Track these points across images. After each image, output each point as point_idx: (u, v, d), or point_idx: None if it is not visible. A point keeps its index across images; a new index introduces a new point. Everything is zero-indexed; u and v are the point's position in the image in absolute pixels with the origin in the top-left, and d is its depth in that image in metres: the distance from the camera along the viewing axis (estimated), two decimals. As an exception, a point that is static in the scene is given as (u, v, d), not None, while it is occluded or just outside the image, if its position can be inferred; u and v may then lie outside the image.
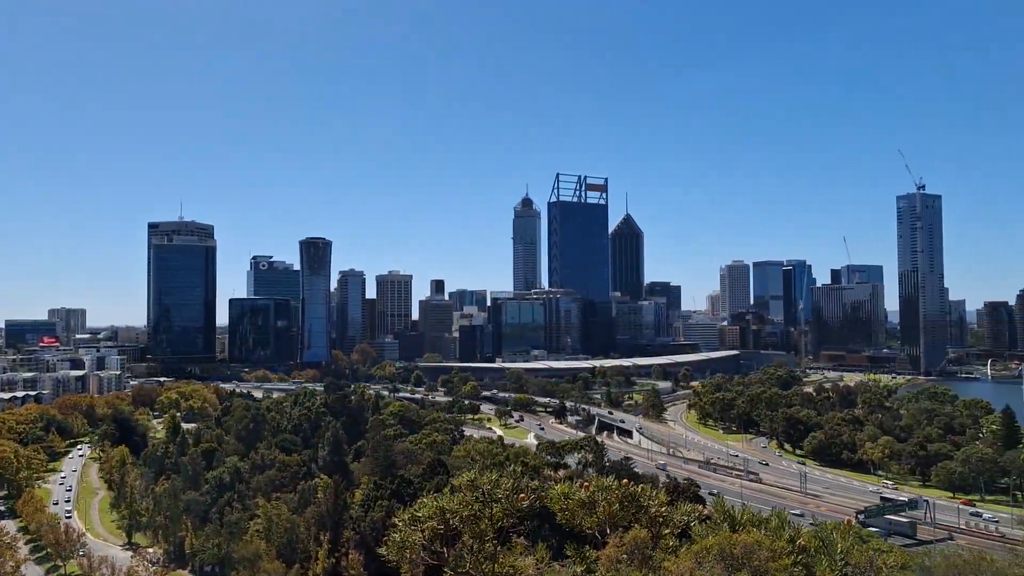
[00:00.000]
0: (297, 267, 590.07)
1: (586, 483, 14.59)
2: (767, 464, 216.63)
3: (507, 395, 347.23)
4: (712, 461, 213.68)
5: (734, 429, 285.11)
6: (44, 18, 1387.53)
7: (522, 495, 13.21)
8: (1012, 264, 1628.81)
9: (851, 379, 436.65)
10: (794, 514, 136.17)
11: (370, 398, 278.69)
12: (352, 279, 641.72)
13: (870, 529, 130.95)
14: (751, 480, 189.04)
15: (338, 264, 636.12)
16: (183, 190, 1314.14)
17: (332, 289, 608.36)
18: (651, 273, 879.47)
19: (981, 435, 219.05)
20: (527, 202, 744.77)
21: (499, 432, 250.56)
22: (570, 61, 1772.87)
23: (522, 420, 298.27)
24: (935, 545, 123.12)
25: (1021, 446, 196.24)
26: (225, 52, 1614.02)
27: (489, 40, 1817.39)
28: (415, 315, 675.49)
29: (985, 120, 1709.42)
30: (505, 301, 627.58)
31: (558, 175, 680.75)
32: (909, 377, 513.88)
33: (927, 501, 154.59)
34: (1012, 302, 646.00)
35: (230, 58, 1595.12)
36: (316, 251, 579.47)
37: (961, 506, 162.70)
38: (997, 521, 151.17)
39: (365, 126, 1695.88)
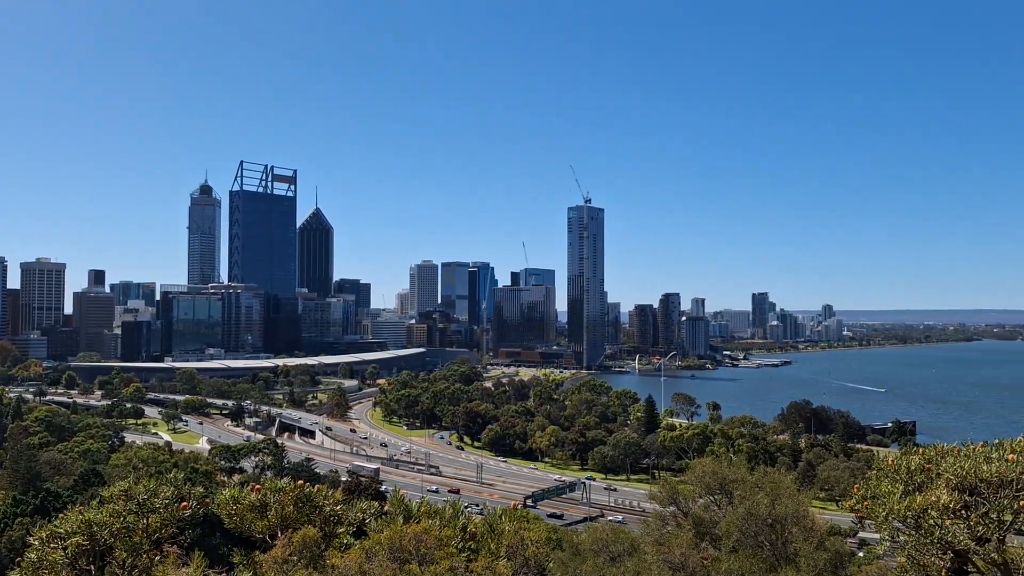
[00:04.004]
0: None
1: (257, 486, 13.95)
2: (447, 457, 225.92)
3: (177, 397, 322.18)
4: (395, 457, 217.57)
5: (418, 425, 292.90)
6: None
7: (185, 503, 12.53)
8: (657, 272, 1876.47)
9: (526, 374, 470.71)
10: (470, 503, 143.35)
11: (10, 402, 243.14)
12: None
13: (535, 511, 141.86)
14: (432, 474, 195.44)
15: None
16: None
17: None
18: (341, 270, 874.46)
19: (629, 422, 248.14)
20: (206, 189, 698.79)
21: (167, 437, 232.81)
22: (260, 51, 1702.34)
23: (201, 424, 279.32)
24: (588, 522, 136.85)
25: (659, 430, 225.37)
26: None
27: (183, 23, 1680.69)
28: (68, 309, 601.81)
29: (640, 144, 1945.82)
30: (178, 295, 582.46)
31: (242, 163, 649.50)
32: (574, 371, 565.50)
33: (584, 483, 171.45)
34: (656, 305, 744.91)
35: None
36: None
37: (602, 486, 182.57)
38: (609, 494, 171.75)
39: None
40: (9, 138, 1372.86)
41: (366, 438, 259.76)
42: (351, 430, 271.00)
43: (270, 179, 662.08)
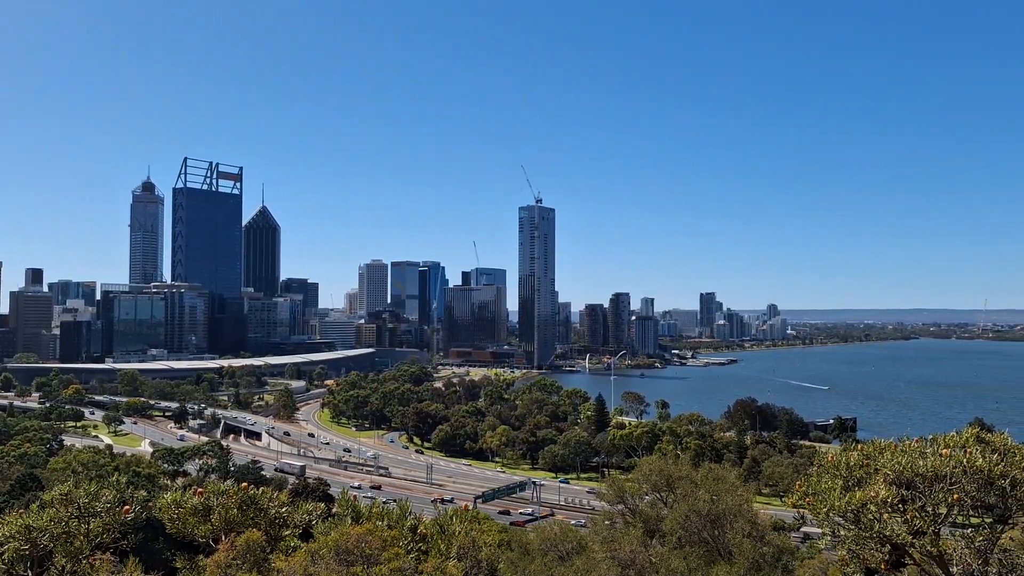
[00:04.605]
0: None
1: (200, 489, 13.71)
2: (396, 458, 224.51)
3: (119, 399, 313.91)
4: (344, 459, 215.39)
5: (367, 426, 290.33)
6: None
7: (126, 507, 12.31)
8: (607, 272, 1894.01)
9: (477, 374, 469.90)
10: (419, 503, 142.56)
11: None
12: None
13: (486, 511, 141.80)
14: (382, 475, 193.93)
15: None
16: None
17: None
18: (288, 269, 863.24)
19: (579, 421, 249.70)
20: (148, 186, 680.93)
21: (108, 440, 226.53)
22: (205, 44, 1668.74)
23: (136, 423, 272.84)
24: (539, 521, 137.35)
25: (609, 429, 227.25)
26: None
27: (124, 13, 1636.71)
28: (5, 308, 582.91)
29: (591, 144, 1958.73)
30: (119, 295, 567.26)
31: (186, 159, 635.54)
32: (525, 371, 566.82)
33: (535, 482, 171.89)
34: (607, 305, 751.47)
35: None
36: None
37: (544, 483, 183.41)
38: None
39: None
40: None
41: (312, 435, 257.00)
42: (309, 433, 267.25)
43: (215, 176, 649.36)
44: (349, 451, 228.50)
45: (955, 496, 9.63)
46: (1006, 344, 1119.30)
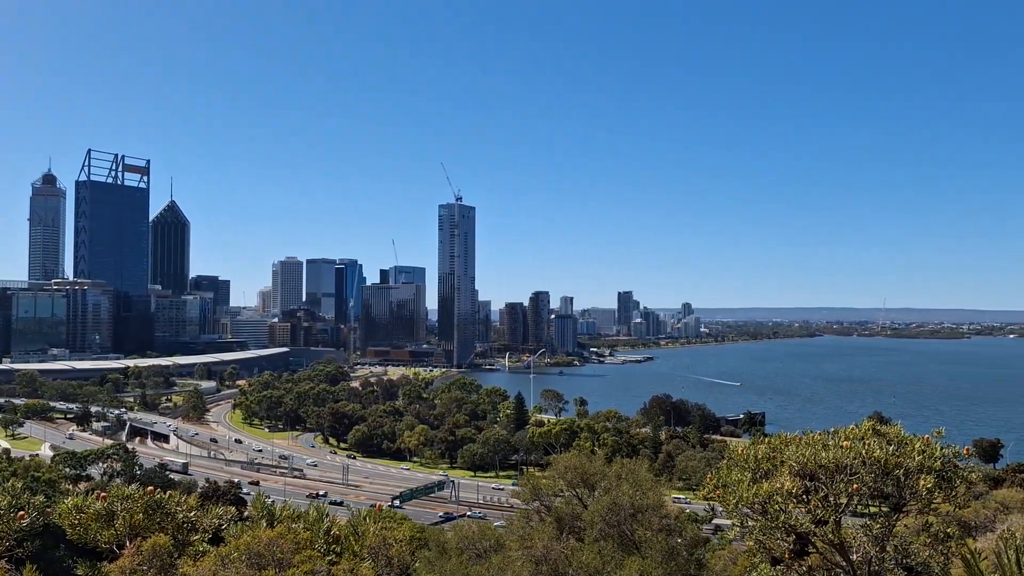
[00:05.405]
0: None
1: (103, 494, 13.20)
2: (313, 459, 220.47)
3: (17, 401, 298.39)
4: (256, 461, 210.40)
5: (281, 427, 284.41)
6: None
7: (22, 513, 11.71)
8: (527, 271, 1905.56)
9: (395, 373, 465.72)
10: (334, 503, 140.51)
11: None
12: None
13: (402, 511, 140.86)
14: (296, 476, 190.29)
15: None
16: None
17: None
18: (198, 266, 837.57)
19: (499, 419, 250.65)
20: (49, 179, 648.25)
21: (5, 444, 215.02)
22: (109, 33, 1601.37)
23: (24, 424, 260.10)
24: (457, 520, 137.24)
25: (528, 427, 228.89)
26: None
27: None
28: None
29: (511, 143, 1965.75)
30: (17, 292, 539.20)
31: (90, 151, 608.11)
32: (444, 369, 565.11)
33: (453, 481, 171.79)
34: (526, 304, 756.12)
35: None
36: None
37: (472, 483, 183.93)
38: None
39: None
40: None
41: (215, 440, 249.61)
42: (212, 439, 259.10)
43: (120, 169, 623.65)
44: (261, 451, 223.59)
45: (855, 486, 10.07)
46: (902, 341, 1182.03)
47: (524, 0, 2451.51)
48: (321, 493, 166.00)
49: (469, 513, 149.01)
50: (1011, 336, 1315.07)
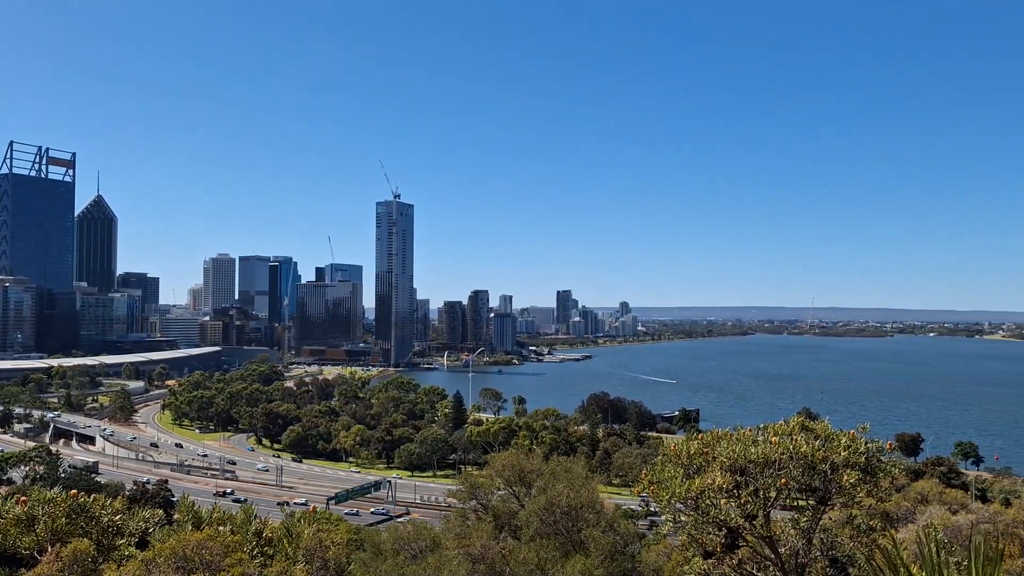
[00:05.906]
0: None
1: (24, 498, 12.68)
2: (244, 461, 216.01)
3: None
4: (186, 462, 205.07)
5: (212, 428, 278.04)
6: None
7: None
8: (466, 270, 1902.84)
9: (330, 372, 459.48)
10: (267, 506, 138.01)
11: None
12: None
13: (340, 512, 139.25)
14: (227, 478, 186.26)
15: None
16: None
17: None
18: (125, 263, 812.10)
19: (437, 418, 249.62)
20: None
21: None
22: (31, 17, 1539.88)
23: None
24: (394, 520, 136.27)
25: (466, 426, 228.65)
26: None
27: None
28: None
29: (449, 141, 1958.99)
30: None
31: (12, 143, 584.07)
32: (381, 369, 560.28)
33: (390, 481, 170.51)
34: (465, 302, 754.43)
35: None
36: None
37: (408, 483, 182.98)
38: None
39: None
40: None
41: (135, 438, 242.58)
42: (132, 437, 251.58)
43: (44, 162, 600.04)
44: (207, 456, 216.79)
45: (783, 480, 10.34)
46: (830, 339, 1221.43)
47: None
48: (228, 491, 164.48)
49: (411, 513, 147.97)
50: (931, 335, 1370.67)
